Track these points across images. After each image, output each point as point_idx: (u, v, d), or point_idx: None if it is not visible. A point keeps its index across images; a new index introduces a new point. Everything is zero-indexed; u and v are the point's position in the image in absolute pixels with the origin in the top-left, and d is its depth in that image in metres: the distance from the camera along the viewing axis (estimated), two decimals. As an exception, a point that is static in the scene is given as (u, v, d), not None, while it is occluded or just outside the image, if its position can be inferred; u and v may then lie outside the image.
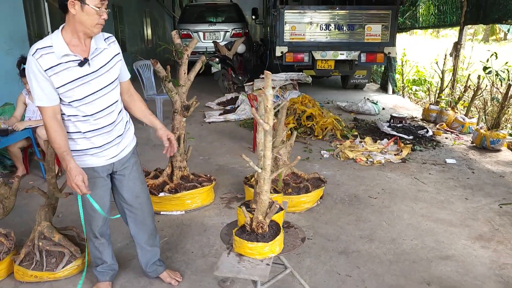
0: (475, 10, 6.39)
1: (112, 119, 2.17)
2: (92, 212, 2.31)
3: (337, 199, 3.82)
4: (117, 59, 2.17)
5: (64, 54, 1.96)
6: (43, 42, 1.97)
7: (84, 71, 2.01)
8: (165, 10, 18.12)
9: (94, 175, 2.21)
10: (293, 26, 8.12)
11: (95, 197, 2.25)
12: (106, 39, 2.14)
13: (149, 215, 2.49)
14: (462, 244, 3.07)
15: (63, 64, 1.97)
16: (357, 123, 6.57)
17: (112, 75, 2.12)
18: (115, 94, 2.17)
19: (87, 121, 2.09)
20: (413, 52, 11.68)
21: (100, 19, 1.96)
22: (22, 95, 4.22)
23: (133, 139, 2.39)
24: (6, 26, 5.89)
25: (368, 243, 3.09)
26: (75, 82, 2.00)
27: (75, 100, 2.03)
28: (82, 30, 1.97)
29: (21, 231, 3.24)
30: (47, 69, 1.94)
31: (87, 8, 1.90)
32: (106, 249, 2.49)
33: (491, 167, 4.67)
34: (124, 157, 2.29)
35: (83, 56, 2.01)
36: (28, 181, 4.27)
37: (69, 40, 1.99)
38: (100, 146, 2.16)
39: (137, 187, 2.38)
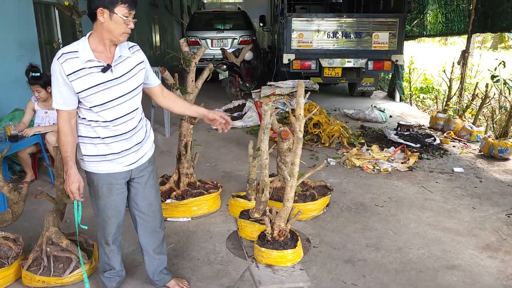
0: (483, 19, 6.38)
1: (132, 125, 2.20)
2: (107, 219, 2.33)
3: (343, 207, 3.82)
4: (141, 67, 2.20)
5: (88, 60, 2.02)
6: (70, 47, 2.04)
7: (106, 77, 2.06)
8: (174, 17, 18.29)
9: (112, 182, 2.24)
10: (300, 33, 8.14)
11: (111, 203, 2.28)
12: (131, 47, 2.19)
13: (160, 223, 2.51)
14: (469, 253, 3.05)
15: (86, 69, 2.02)
16: (364, 130, 6.56)
17: (134, 82, 2.16)
18: (136, 101, 2.20)
19: (107, 127, 2.13)
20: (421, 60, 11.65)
21: (127, 28, 2.01)
22: (31, 101, 4.27)
23: (152, 147, 2.40)
24: (17, 33, 5.99)
25: (374, 251, 3.08)
26: (97, 87, 2.05)
27: (96, 106, 2.07)
28: (109, 38, 2.03)
29: (30, 236, 3.27)
30: (70, 73, 2.00)
31: (116, 17, 1.95)
32: (116, 256, 2.50)
33: (499, 176, 4.64)
34: (142, 164, 2.31)
35: (107, 62, 2.07)
36: (36, 187, 4.31)
37: (95, 47, 2.05)
38: (119, 153, 2.19)
39: (152, 195, 2.40)
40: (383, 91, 10.68)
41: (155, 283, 2.61)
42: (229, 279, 2.74)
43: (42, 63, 6.67)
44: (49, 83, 4.17)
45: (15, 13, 5.93)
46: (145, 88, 2.32)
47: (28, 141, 4.07)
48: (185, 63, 3.47)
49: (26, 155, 4.28)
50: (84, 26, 6.94)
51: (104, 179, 2.21)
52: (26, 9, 6.23)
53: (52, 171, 4.07)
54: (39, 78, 4.07)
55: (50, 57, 7.11)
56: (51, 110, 4.26)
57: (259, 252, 2.06)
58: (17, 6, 5.98)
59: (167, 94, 2.40)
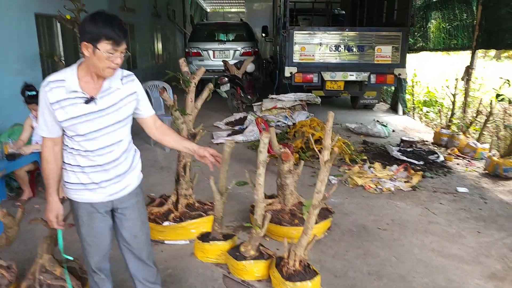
0: (487, 36, 6.32)
1: (113, 157, 2.12)
2: (88, 247, 2.26)
3: (345, 230, 3.74)
4: (131, 98, 2.13)
5: (73, 90, 1.98)
6: (57, 75, 2.00)
7: (89, 109, 2.00)
8: (176, 27, 18.33)
9: (92, 210, 2.18)
10: (302, 46, 8.13)
11: (92, 231, 2.21)
12: (124, 77, 2.12)
13: (148, 255, 2.42)
14: (475, 283, 2.96)
15: (70, 99, 1.98)
16: (366, 146, 6.49)
17: (120, 114, 2.09)
18: (120, 134, 2.13)
19: (86, 156, 2.08)
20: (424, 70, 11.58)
21: (112, 64, 1.94)
22: (29, 118, 4.24)
23: (138, 179, 2.31)
24: (18, 46, 5.97)
25: (376, 280, 2.99)
26: (79, 118, 2.00)
27: (78, 135, 2.03)
28: (94, 71, 1.98)
29: (25, 258, 3.22)
30: (53, 102, 1.96)
31: (98, 53, 1.90)
32: (106, 284, 2.42)
33: (505, 197, 4.55)
34: (124, 196, 2.23)
35: (93, 93, 2.01)
36: (33, 205, 4.26)
37: (82, 77, 2.00)
38: (98, 183, 2.12)
39: (137, 227, 2.31)
40: (386, 103, 10.62)
41: None
42: (227, 310, 2.67)
43: (43, 77, 6.64)
44: None
45: (16, 26, 5.91)
46: (137, 118, 2.25)
47: (25, 160, 4.03)
48: (184, 84, 3.41)
49: (23, 173, 4.23)
50: (85, 39, 6.93)
51: (84, 208, 2.16)
52: (28, 22, 6.22)
53: (49, 190, 4.02)
54: (35, 96, 4.03)
55: (51, 70, 7.08)
56: (49, 127, 4.21)
57: (283, 285, 2.01)
58: (18, 19, 5.96)
59: (160, 126, 2.31)
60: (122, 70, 2.12)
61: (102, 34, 1.87)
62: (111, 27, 1.88)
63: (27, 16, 6.22)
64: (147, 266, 2.42)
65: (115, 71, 2.01)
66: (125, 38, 1.93)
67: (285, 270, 2.13)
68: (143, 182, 2.36)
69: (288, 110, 8.07)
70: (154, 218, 3.54)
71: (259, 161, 2.15)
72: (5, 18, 5.68)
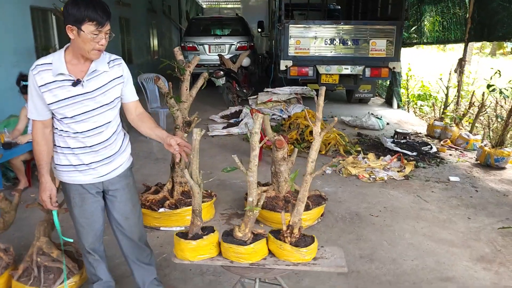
0: (479, 28, 6.39)
1: (102, 139, 2.16)
2: (81, 228, 2.31)
3: (338, 217, 3.80)
4: (118, 81, 2.16)
5: (59, 73, 2.01)
6: (44, 59, 2.03)
7: (76, 91, 2.04)
8: (172, 22, 18.31)
9: (84, 192, 2.23)
10: (298, 40, 8.16)
11: (85, 213, 2.26)
12: (111, 61, 2.15)
13: (139, 235, 2.46)
14: (464, 265, 3.03)
15: (58, 82, 2.01)
16: (360, 138, 6.55)
17: (107, 97, 2.12)
18: (108, 116, 2.16)
19: (76, 137, 2.12)
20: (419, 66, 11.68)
21: (97, 45, 1.97)
22: (25, 108, 4.26)
23: (128, 161, 2.35)
24: (13, 39, 5.98)
25: (368, 263, 3.05)
26: (67, 101, 2.03)
27: (66, 117, 2.07)
28: (80, 53, 2.01)
29: (21, 244, 3.25)
30: (41, 85, 2.00)
31: (83, 35, 1.92)
32: (100, 265, 2.47)
33: (495, 185, 4.63)
34: (114, 178, 2.27)
35: (80, 76, 2.04)
36: (30, 194, 4.29)
37: (69, 60, 2.04)
38: (88, 164, 2.17)
39: (128, 208, 2.35)
40: (381, 97, 10.69)
41: None
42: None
43: (38, 69, 6.66)
44: None
45: (11, 19, 5.92)
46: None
47: (21, 149, 4.06)
48: (179, 72, 3.45)
49: (19, 162, 4.26)
50: (81, 32, 6.94)
51: (76, 189, 2.21)
52: (23, 15, 6.23)
53: (45, 179, 4.05)
54: None
55: (46, 62, 7.10)
56: (45, 117, 4.24)
57: (297, 253, 2.12)
58: (14, 12, 5.98)
59: (140, 113, 2.32)
60: (110, 54, 2.16)
61: (85, 16, 1.89)
62: (94, 9, 1.90)
63: (23, 9, 6.23)
64: (140, 247, 2.47)
65: (101, 53, 2.04)
66: (108, 19, 1.96)
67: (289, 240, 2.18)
68: (135, 168, 2.40)
69: (283, 103, 8.12)
70: (150, 205, 3.58)
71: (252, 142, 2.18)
72: (1, 11, 5.69)
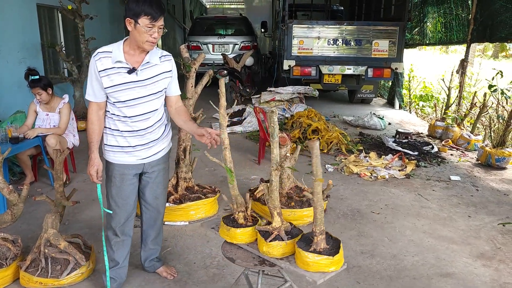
0: (482, 29, 6.43)
1: (148, 124, 2.39)
2: (116, 208, 2.49)
3: (339, 214, 3.85)
4: (166, 75, 2.39)
5: (118, 61, 2.25)
6: (106, 48, 2.29)
7: (131, 78, 2.28)
8: (176, 21, 18.38)
9: (124, 172, 2.45)
10: (301, 40, 8.21)
11: (122, 193, 2.47)
12: (162, 56, 2.38)
13: (161, 216, 2.73)
14: (463, 262, 3.08)
15: (115, 69, 2.26)
16: (362, 137, 6.60)
17: (156, 87, 2.35)
18: (155, 104, 2.39)
19: (125, 121, 2.36)
20: (421, 67, 11.70)
21: (150, 38, 2.18)
22: (33, 103, 4.32)
23: (167, 147, 2.59)
24: (20, 36, 6.05)
25: (369, 258, 3.10)
26: (121, 86, 2.28)
27: (119, 102, 2.31)
28: (136, 44, 2.24)
29: (28, 237, 3.30)
30: (101, 70, 2.25)
31: (139, 27, 2.15)
32: (121, 248, 2.60)
33: (496, 185, 4.67)
34: (154, 161, 2.50)
35: (135, 65, 2.28)
36: (36, 189, 4.35)
37: (127, 50, 2.28)
38: (134, 146, 2.40)
39: (159, 190, 2.61)
40: (383, 98, 10.73)
41: (145, 269, 2.83)
42: (224, 283, 2.78)
43: (44, 66, 6.73)
44: (49, 85, 4.22)
45: (18, 16, 5.99)
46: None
47: (28, 143, 4.11)
48: (185, 69, 3.51)
49: (26, 157, 4.32)
50: (86, 29, 7.02)
51: (118, 169, 2.43)
52: (30, 13, 6.30)
53: (51, 174, 4.10)
54: (39, 80, 4.12)
55: (52, 60, 7.17)
56: (52, 112, 4.30)
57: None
58: (20, 9, 6.04)
59: (179, 107, 2.54)
60: (162, 51, 2.41)
61: (142, 10, 2.12)
62: (150, 4, 2.12)
63: (29, 7, 6.30)
64: (158, 227, 2.75)
65: (154, 45, 2.25)
66: (161, 14, 2.18)
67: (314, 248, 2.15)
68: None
69: (286, 103, 8.16)
70: (154, 200, 3.64)
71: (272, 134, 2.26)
72: (8, 9, 5.76)
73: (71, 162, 4.85)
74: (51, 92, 4.25)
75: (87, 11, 7.02)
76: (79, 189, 4.12)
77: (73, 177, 4.68)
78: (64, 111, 4.30)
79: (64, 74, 7.16)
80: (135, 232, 2.76)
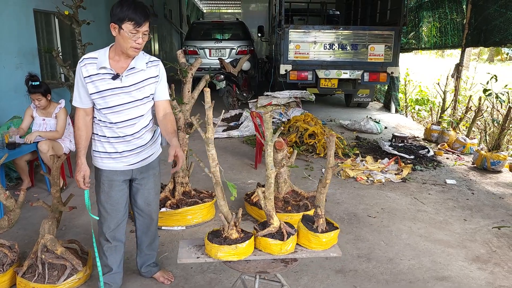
0: (476, 33, 6.49)
1: (135, 130, 2.38)
2: (105, 214, 2.48)
3: (336, 218, 3.86)
4: (153, 80, 2.36)
5: (102, 67, 2.24)
6: (92, 54, 2.29)
7: (115, 84, 2.27)
8: (173, 26, 18.42)
9: (112, 178, 2.44)
10: (297, 44, 8.25)
11: (111, 199, 2.45)
12: (149, 62, 2.36)
13: (155, 222, 2.72)
14: (459, 265, 3.09)
15: (100, 75, 2.25)
16: (359, 141, 6.62)
17: (142, 93, 2.33)
18: (141, 110, 2.37)
19: (111, 128, 2.34)
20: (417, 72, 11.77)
21: (134, 43, 2.17)
22: (30, 108, 4.32)
23: (156, 153, 2.57)
24: (17, 42, 6.06)
25: (365, 262, 3.12)
26: (106, 92, 2.26)
27: (104, 108, 2.30)
28: (120, 50, 2.23)
29: (25, 243, 3.30)
30: (85, 76, 2.25)
31: (123, 33, 2.14)
32: (113, 254, 2.58)
33: (491, 188, 4.70)
34: (143, 166, 2.48)
35: (119, 71, 2.27)
36: (33, 194, 4.34)
37: (112, 56, 2.28)
38: (121, 152, 2.39)
39: (151, 196, 2.59)
40: (379, 102, 10.78)
41: (142, 274, 2.83)
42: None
43: (41, 71, 6.74)
44: (49, 91, 4.23)
45: (15, 22, 6.00)
46: None
47: (25, 149, 4.11)
48: (181, 74, 3.53)
49: (23, 163, 4.32)
50: (83, 35, 7.03)
51: (106, 175, 2.42)
52: (27, 18, 6.32)
53: (48, 179, 4.11)
54: (39, 86, 4.12)
55: (49, 65, 7.17)
56: (48, 117, 4.31)
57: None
58: (17, 15, 6.06)
59: (167, 114, 2.45)
60: (150, 56, 2.39)
61: (125, 16, 2.11)
62: (134, 10, 2.11)
63: (26, 12, 6.31)
64: (152, 233, 2.73)
65: (138, 51, 2.24)
66: (146, 20, 2.16)
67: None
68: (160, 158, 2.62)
69: (283, 107, 8.18)
70: (151, 205, 3.64)
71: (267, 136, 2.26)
72: (5, 14, 5.77)
73: (68, 167, 4.85)
74: (49, 98, 4.26)
75: (84, 16, 7.04)
76: (76, 194, 4.12)
77: (70, 182, 4.68)
78: (61, 116, 4.31)
79: (61, 79, 7.17)
80: (131, 238, 2.78)
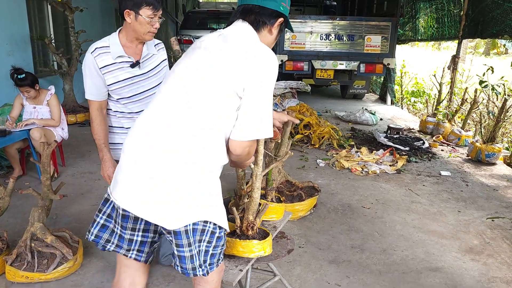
0: (473, 25, 6.46)
1: None
2: None
3: (330, 208, 3.85)
4: (164, 64, 2.35)
5: (119, 55, 2.17)
6: (102, 43, 2.18)
7: (134, 72, 2.21)
8: (168, 15, 18.24)
9: None
10: (293, 35, 8.18)
11: None
12: (156, 45, 2.33)
13: None
14: (452, 256, 3.09)
15: (117, 64, 2.17)
16: (354, 133, 6.60)
17: (159, 78, 2.29)
18: None
19: (131, 118, 2.28)
20: (414, 64, 11.75)
21: (152, 28, 2.13)
22: (19, 96, 4.24)
23: None
24: (9, 28, 5.95)
25: (359, 253, 3.10)
26: (125, 81, 2.20)
27: (123, 98, 2.23)
28: (135, 36, 2.17)
29: (15, 231, 3.25)
30: (102, 67, 2.15)
31: (140, 18, 2.09)
32: None
33: (485, 180, 4.70)
34: None
35: (135, 58, 2.20)
36: (24, 182, 4.29)
37: (124, 43, 2.20)
38: None
39: None
40: (375, 94, 10.76)
41: (161, 263, 2.78)
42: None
43: (33, 59, 6.63)
44: (36, 81, 4.15)
45: (7, 8, 5.89)
46: None
47: (16, 137, 4.05)
48: (175, 61, 3.46)
49: (14, 151, 4.26)
50: (76, 22, 6.92)
51: None
52: (19, 4, 6.20)
53: (39, 167, 4.05)
54: (25, 79, 4.04)
55: (41, 52, 7.07)
56: (39, 105, 4.24)
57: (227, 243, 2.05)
58: (9, 1, 5.94)
59: None
60: (154, 39, 2.31)
61: (143, 1, 2.06)
62: None
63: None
64: None
65: (153, 35, 2.19)
66: (162, 3, 2.13)
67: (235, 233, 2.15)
68: None
69: (278, 97, 8.13)
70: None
71: None
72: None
73: (60, 155, 4.79)
74: (38, 88, 4.18)
75: (77, 3, 6.93)
76: (68, 183, 4.09)
77: (62, 170, 4.62)
78: (53, 103, 4.24)
79: (54, 67, 7.06)
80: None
